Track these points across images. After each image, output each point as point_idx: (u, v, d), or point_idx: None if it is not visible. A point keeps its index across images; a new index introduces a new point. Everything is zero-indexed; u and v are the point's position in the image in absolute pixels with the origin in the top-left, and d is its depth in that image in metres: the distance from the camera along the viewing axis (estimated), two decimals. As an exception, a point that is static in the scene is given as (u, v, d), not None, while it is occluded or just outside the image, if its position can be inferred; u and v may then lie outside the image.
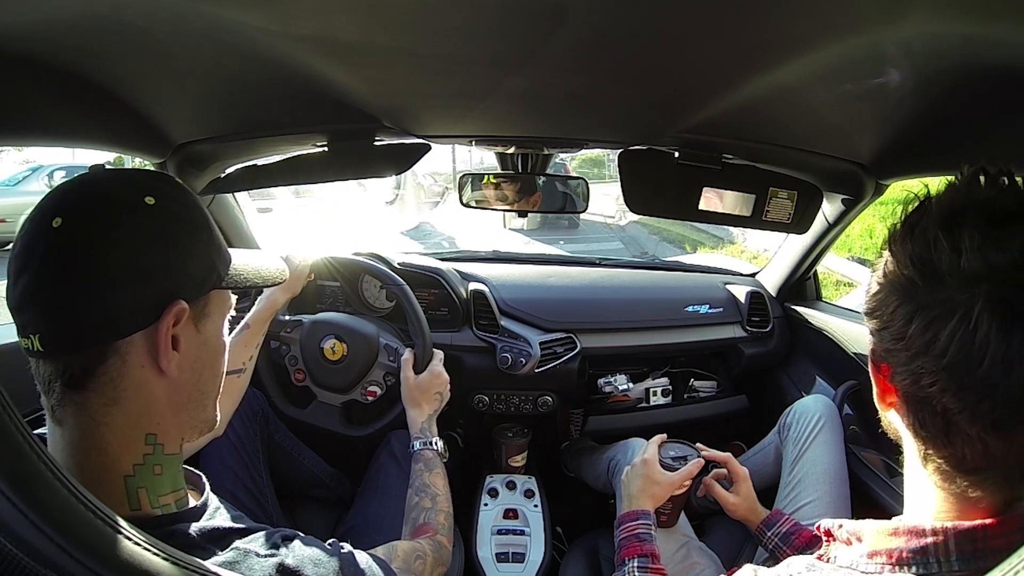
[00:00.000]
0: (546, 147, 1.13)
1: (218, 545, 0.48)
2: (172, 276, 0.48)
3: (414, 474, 0.92)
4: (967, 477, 0.40)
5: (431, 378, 1.07)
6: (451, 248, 6.26)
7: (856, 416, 1.15)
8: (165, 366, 0.48)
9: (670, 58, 0.61)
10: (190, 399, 0.52)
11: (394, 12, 0.52)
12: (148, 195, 0.48)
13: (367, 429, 1.20)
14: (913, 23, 0.49)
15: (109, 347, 0.46)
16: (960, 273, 0.37)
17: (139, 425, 0.48)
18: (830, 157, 0.96)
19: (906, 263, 0.40)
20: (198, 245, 0.51)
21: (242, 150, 1.09)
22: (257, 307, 1.04)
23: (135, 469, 0.48)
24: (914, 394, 0.40)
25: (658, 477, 0.95)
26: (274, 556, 0.49)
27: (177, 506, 0.50)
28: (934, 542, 0.39)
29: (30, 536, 0.30)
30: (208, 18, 0.54)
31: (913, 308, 0.39)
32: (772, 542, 0.93)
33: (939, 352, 0.37)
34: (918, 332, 0.39)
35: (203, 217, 0.53)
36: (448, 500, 0.90)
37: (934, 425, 0.40)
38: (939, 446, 0.40)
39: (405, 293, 1.16)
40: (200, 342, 0.52)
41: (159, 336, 0.47)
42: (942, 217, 0.39)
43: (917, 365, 0.39)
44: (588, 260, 1.78)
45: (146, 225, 0.47)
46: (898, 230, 0.42)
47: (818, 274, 1.55)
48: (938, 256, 0.38)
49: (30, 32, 0.54)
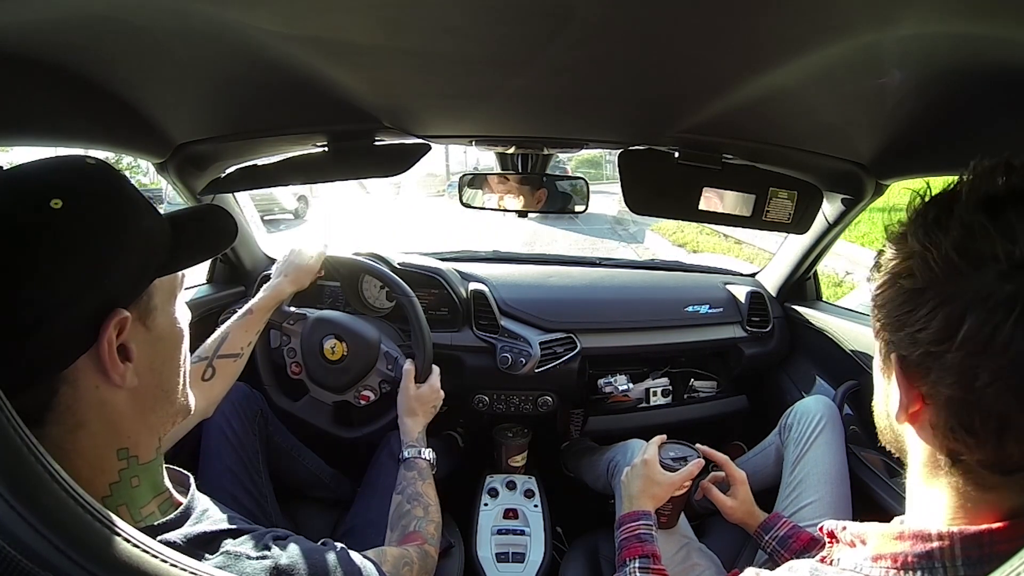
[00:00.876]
0: (546, 147, 1.13)
1: (207, 549, 0.47)
2: (100, 285, 0.43)
3: (406, 481, 0.92)
4: (1006, 477, 0.38)
5: (430, 391, 1.08)
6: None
7: (856, 416, 1.15)
8: (119, 381, 0.45)
9: (670, 58, 0.61)
10: (156, 400, 0.50)
11: (394, 12, 0.52)
12: (54, 197, 0.41)
13: (355, 432, 1.20)
14: (912, 23, 0.49)
15: (56, 379, 0.42)
16: (1014, 260, 0.34)
17: (108, 443, 0.46)
18: (830, 157, 0.96)
19: (947, 257, 0.36)
20: (124, 238, 0.45)
21: (242, 150, 1.09)
22: (262, 294, 1.05)
23: (112, 488, 0.46)
24: (963, 397, 0.37)
25: (658, 478, 0.95)
26: (266, 558, 0.48)
27: (161, 511, 0.49)
28: (940, 547, 0.38)
29: (27, 537, 0.30)
30: (208, 18, 0.54)
31: (963, 305, 0.35)
32: (770, 545, 0.93)
33: (1000, 348, 0.34)
34: (973, 329, 0.35)
35: (127, 200, 0.46)
36: (438, 511, 0.90)
37: (986, 427, 0.36)
38: (984, 448, 0.37)
39: (413, 306, 1.15)
40: (153, 339, 0.48)
41: (103, 353, 0.43)
42: (982, 205, 0.36)
43: (971, 364, 0.35)
44: (588, 260, 1.78)
45: (57, 238, 0.41)
46: (917, 226, 0.39)
47: (818, 274, 1.55)
48: (988, 245, 0.35)
49: (30, 32, 0.54)
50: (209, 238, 0.56)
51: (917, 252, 0.38)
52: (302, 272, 1.10)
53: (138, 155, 0.96)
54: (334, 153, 1.03)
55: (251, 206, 1.48)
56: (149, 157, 0.98)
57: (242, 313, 1.01)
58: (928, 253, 0.37)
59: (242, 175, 1.12)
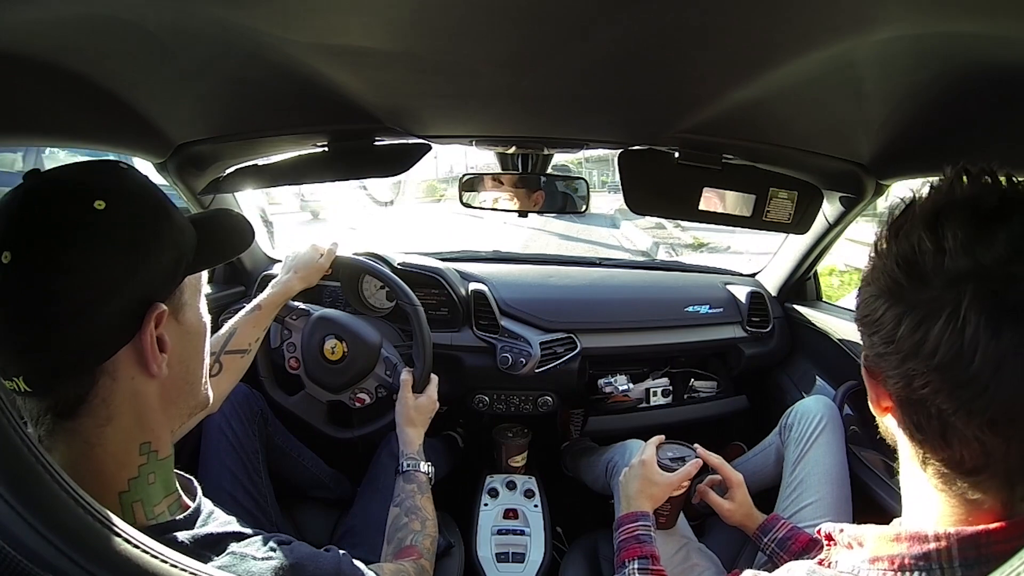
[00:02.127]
0: (546, 147, 1.13)
1: (213, 550, 0.47)
2: (142, 280, 0.46)
3: (404, 493, 0.91)
4: (967, 479, 0.39)
5: (428, 402, 1.07)
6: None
7: (857, 416, 1.15)
8: (156, 371, 0.47)
9: (670, 58, 0.61)
10: (181, 391, 0.52)
11: (395, 13, 0.52)
12: (97, 199, 0.44)
13: (345, 433, 1.20)
14: (912, 23, 0.49)
15: (97, 370, 0.45)
16: (945, 272, 0.37)
17: (133, 437, 0.48)
18: (830, 157, 0.96)
19: (892, 265, 0.40)
20: (161, 236, 0.48)
21: (242, 150, 1.09)
22: (271, 290, 1.05)
23: (130, 484, 0.47)
24: (908, 397, 0.40)
25: (656, 478, 0.95)
26: (271, 560, 0.48)
27: (170, 511, 0.50)
28: (937, 548, 0.39)
29: (28, 538, 0.30)
30: (208, 19, 0.54)
31: (901, 310, 0.39)
32: (769, 547, 0.93)
33: (929, 352, 0.37)
34: (907, 334, 0.38)
35: (160, 202, 0.49)
36: (435, 526, 0.89)
37: (930, 427, 0.39)
38: (937, 448, 0.40)
39: (418, 315, 1.16)
40: (183, 332, 0.51)
41: (144, 344, 0.46)
42: (925, 218, 0.39)
43: (908, 367, 0.39)
44: (588, 260, 1.78)
45: (101, 236, 0.44)
46: (884, 234, 0.42)
47: (818, 274, 1.55)
48: (923, 256, 0.38)
49: (31, 32, 0.54)
50: (231, 239, 0.59)
51: (877, 259, 0.42)
52: (312, 270, 1.10)
53: (138, 155, 0.96)
54: (334, 153, 1.03)
55: (250, 206, 1.48)
56: (149, 157, 0.98)
57: (250, 309, 1.01)
58: (884, 261, 0.41)
59: (242, 175, 1.12)
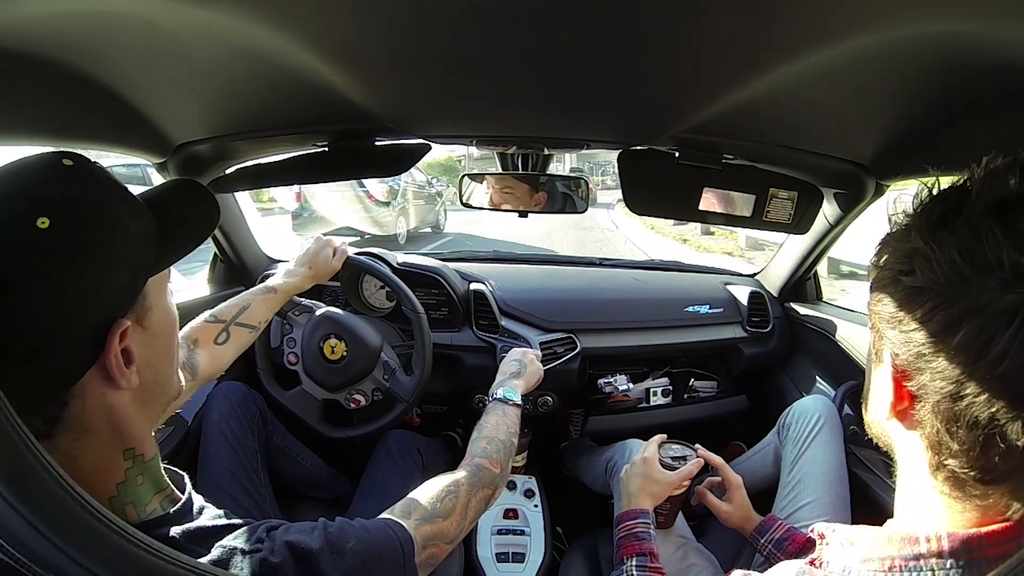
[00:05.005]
0: (546, 147, 1.13)
1: (202, 545, 0.47)
2: (100, 298, 0.43)
3: (482, 421, 0.89)
4: (988, 487, 0.37)
5: (537, 371, 1.08)
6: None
7: (856, 416, 1.15)
8: (125, 384, 0.45)
9: (670, 58, 0.61)
10: (154, 393, 0.51)
11: (395, 13, 0.52)
12: (40, 216, 0.40)
13: (338, 432, 1.20)
14: (913, 23, 0.49)
15: (64, 395, 0.43)
16: (1019, 270, 0.33)
17: (115, 444, 0.47)
18: (830, 157, 0.96)
19: (950, 259, 0.35)
20: (115, 249, 0.44)
21: (242, 150, 1.09)
22: (286, 279, 1.04)
23: (119, 488, 0.46)
24: (952, 403, 0.36)
25: (657, 476, 0.95)
26: (258, 552, 0.48)
27: (162, 508, 0.49)
28: (928, 550, 0.38)
29: (27, 537, 0.30)
30: (209, 19, 0.54)
31: (961, 310, 0.34)
32: (766, 548, 0.93)
33: (994, 360, 0.33)
34: (969, 337, 0.34)
35: (111, 204, 0.45)
36: (503, 445, 0.84)
37: (970, 435, 0.36)
38: (966, 456, 0.37)
39: (420, 322, 1.16)
40: (150, 337, 0.49)
41: (110, 363, 0.44)
42: (993, 208, 0.34)
43: (962, 372, 0.35)
44: (588, 260, 1.78)
45: (49, 260, 0.40)
46: (922, 223, 0.37)
47: (818, 274, 1.55)
48: (994, 251, 0.33)
49: (31, 31, 0.54)
50: (192, 226, 0.54)
51: (920, 250, 0.37)
52: (325, 269, 1.10)
53: (138, 155, 0.96)
54: (334, 153, 1.03)
55: (251, 205, 1.48)
56: (149, 157, 0.98)
57: (265, 289, 1.00)
58: (932, 252, 0.36)
59: (242, 175, 1.12)
